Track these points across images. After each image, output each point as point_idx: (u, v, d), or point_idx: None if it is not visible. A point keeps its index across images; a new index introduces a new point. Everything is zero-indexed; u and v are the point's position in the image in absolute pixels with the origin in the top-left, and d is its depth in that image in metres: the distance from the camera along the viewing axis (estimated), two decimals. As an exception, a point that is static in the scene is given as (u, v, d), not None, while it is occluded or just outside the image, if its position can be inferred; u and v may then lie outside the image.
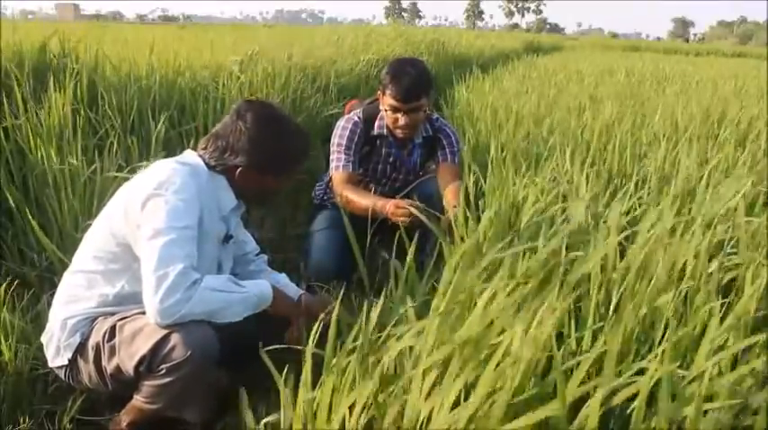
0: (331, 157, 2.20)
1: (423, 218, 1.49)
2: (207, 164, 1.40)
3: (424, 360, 0.93)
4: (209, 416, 1.37)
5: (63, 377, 1.38)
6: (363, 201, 2.00)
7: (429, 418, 0.92)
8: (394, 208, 1.88)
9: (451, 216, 1.67)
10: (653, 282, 1.13)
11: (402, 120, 2.10)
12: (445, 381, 0.90)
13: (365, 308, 1.06)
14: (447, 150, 2.25)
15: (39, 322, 1.53)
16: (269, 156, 1.41)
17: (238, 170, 1.39)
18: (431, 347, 0.97)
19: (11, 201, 2.02)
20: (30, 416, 1.40)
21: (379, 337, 1.07)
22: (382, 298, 1.15)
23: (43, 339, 1.39)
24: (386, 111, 2.13)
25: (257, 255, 1.66)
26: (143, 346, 1.22)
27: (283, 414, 0.99)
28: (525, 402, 0.90)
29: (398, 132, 2.16)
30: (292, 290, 1.60)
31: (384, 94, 2.10)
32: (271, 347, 1.07)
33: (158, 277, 1.18)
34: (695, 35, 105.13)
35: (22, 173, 2.17)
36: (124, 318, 1.30)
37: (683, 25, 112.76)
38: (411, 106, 2.08)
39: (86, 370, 1.33)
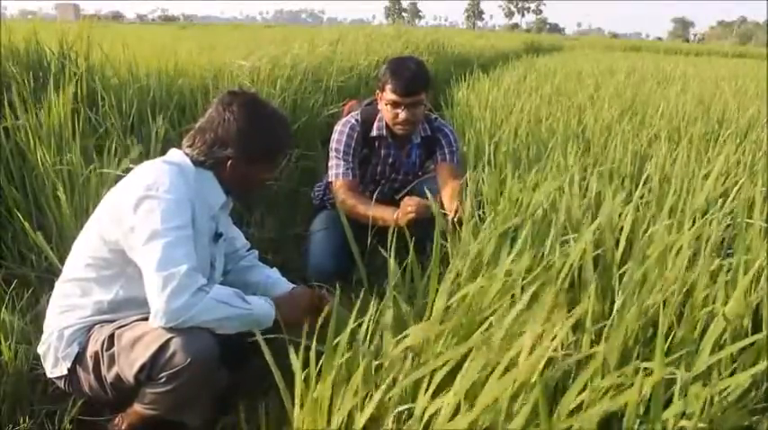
0: (330, 163, 2.20)
1: (433, 204, 1.50)
2: (194, 160, 1.38)
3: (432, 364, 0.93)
4: (209, 417, 1.37)
5: (63, 387, 1.37)
6: (367, 211, 2.00)
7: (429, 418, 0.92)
8: (402, 214, 1.90)
9: (453, 216, 1.67)
10: (654, 281, 1.12)
11: (402, 114, 2.10)
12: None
13: (361, 306, 1.06)
14: (446, 150, 2.25)
15: (38, 322, 1.52)
16: (259, 145, 1.40)
17: (228, 162, 1.38)
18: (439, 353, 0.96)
19: (10, 202, 2.01)
20: (30, 417, 1.40)
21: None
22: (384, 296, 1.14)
23: (40, 350, 1.38)
24: (385, 106, 2.13)
25: (248, 250, 1.66)
26: (143, 354, 1.21)
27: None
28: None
29: (398, 128, 2.16)
30: (283, 284, 1.58)
31: (384, 89, 2.10)
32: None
33: (164, 277, 1.17)
34: (695, 35, 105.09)
35: (22, 173, 2.17)
36: (122, 326, 1.29)
37: (683, 25, 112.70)
38: (412, 100, 2.08)
39: (86, 379, 1.33)
